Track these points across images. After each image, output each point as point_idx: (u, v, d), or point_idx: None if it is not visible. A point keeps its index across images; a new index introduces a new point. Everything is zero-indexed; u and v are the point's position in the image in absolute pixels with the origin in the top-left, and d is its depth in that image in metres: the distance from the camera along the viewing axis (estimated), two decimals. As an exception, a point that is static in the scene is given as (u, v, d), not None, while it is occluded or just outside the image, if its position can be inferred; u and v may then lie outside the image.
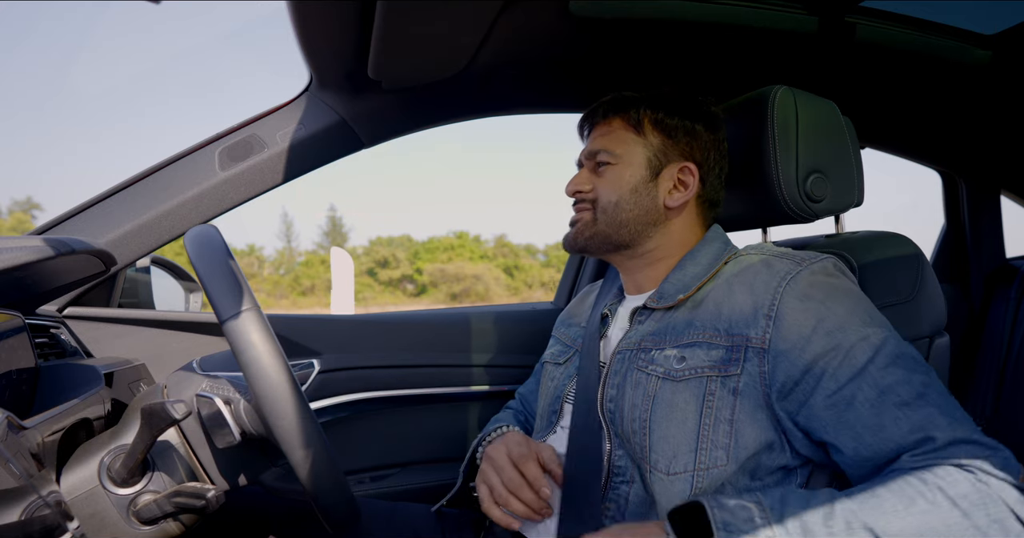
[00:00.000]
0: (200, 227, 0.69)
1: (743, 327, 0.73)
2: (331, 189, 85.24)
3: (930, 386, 0.67)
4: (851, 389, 0.67)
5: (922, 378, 0.67)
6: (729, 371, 0.72)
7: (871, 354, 0.68)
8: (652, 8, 0.93)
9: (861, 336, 0.69)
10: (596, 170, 0.90)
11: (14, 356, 0.72)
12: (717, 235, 0.88)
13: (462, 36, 0.91)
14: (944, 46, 1.12)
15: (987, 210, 1.65)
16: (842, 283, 0.75)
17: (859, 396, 0.67)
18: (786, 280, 0.74)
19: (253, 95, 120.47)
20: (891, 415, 0.65)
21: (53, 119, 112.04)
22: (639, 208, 0.87)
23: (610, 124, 0.90)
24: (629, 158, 0.87)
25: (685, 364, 0.75)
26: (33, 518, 0.50)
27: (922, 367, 0.69)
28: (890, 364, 0.68)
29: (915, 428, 0.64)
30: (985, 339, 1.54)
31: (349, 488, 0.67)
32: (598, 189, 0.88)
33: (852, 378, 0.67)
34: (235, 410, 0.68)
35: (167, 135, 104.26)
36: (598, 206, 0.88)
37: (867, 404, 0.66)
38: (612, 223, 0.87)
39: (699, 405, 0.72)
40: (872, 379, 0.67)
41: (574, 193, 0.91)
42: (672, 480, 0.72)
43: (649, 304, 0.84)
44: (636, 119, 0.88)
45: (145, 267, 1.37)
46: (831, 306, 0.71)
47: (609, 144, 0.89)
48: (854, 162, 0.93)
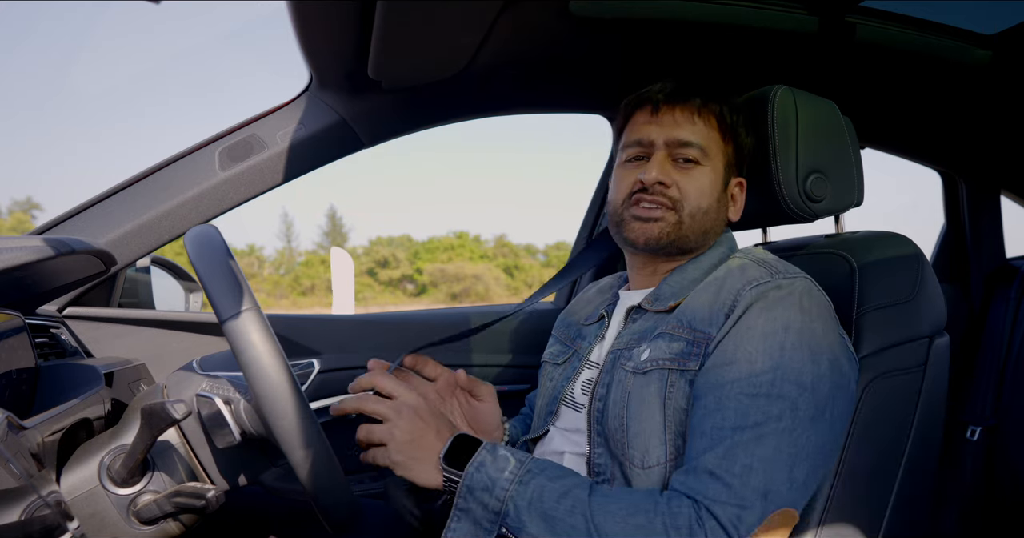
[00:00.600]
0: (200, 227, 0.69)
1: (705, 324, 0.74)
2: (331, 189, 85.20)
3: (781, 436, 0.65)
4: (702, 393, 0.70)
5: (769, 419, 0.66)
6: (688, 366, 0.73)
7: (738, 377, 0.68)
8: (652, 8, 0.93)
9: (748, 358, 0.69)
10: (677, 163, 0.81)
11: (14, 356, 0.72)
12: (726, 239, 0.88)
13: (462, 36, 0.91)
14: (944, 46, 1.12)
15: (987, 210, 1.65)
16: (789, 306, 0.72)
17: (701, 401, 0.69)
18: (751, 285, 0.74)
19: (253, 95, 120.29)
20: (703, 427, 0.68)
21: (53, 119, 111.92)
22: (719, 219, 0.84)
23: (705, 115, 0.82)
24: (716, 161, 0.82)
25: (648, 355, 0.76)
26: (33, 518, 0.50)
27: (787, 416, 0.66)
28: (746, 394, 0.67)
29: (701, 448, 0.67)
30: (985, 339, 1.54)
31: (349, 488, 0.67)
32: (684, 189, 0.80)
33: (708, 387, 0.69)
34: (235, 410, 0.68)
35: (167, 135, 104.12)
36: (684, 209, 0.80)
37: (702, 413, 0.69)
38: (696, 230, 0.82)
39: (662, 397, 0.73)
40: (720, 396, 0.68)
41: (656, 184, 0.80)
42: (648, 473, 0.73)
43: (644, 305, 0.84)
44: (730, 122, 0.83)
45: (145, 267, 1.37)
46: (757, 318, 0.71)
47: (703, 138, 0.81)
48: (854, 162, 0.93)
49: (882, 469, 0.84)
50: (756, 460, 0.64)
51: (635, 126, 0.85)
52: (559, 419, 0.88)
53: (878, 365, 0.83)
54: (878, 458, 0.82)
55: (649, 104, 0.84)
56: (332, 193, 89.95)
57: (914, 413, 0.85)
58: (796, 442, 0.66)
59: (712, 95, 0.83)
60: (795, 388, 0.67)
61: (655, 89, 0.85)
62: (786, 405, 0.66)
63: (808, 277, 0.77)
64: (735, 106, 0.85)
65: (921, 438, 0.86)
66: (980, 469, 1.43)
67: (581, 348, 0.91)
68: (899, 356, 0.84)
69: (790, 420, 0.66)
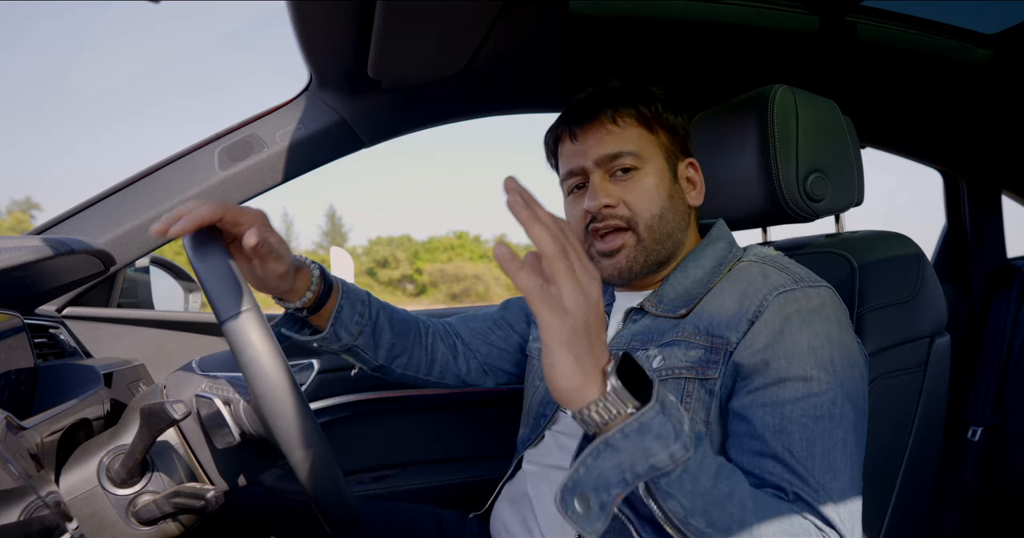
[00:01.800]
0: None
1: (724, 329, 0.71)
2: (331, 189, 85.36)
3: (833, 453, 0.63)
4: (757, 413, 0.66)
5: (837, 444, 0.64)
6: (708, 374, 0.70)
7: (797, 396, 0.65)
8: (652, 7, 0.93)
9: (803, 375, 0.66)
10: (614, 178, 0.78)
11: (13, 356, 0.72)
12: (721, 234, 0.84)
13: (462, 36, 0.91)
14: (945, 46, 1.12)
15: (988, 210, 1.65)
16: (826, 318, 0.70)
17: (757, 422, 0.65)
18: (776, 291, 0.71)
19: (253, 95, 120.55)
20: (773, 450, 0.64)
21: (53, 119, 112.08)
22: (677, 215, 0.80)
23: (622, 120, 0.79)
24: (654, 160, 0.79)
25: (664, 364, 0.73)
26: (32, 518, 0.50)
27: (851, 438, 0.65)
28: (809, 416, 0.64)
29: (780, 475, 0.62)
30: (986, 339, 1.53)
31: (349, 489, 0.66)
32: (631, 202, 0.77)
33: (764, 405, 0.66)
34: (235, 411, 0.68)
35: (167, 135, 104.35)
36: (639, 224, 0.77)
37: (760, 433, 0.65)
38: (659, 239, 0.78)
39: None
40: (780, 416, 0.65)
41: (602, 209, 0.77)
42: None
43: (647, 308, 0.80)
44: (651, 114, 0.79)
45: (144, 267, 1.37)
46: (800, 332, 0.68)
47: (628, 144, 0.78)
48: (854, 161, 0.92)
49: (883, 469, 0.84)
50: (836, 490, 0.62)
51: (563, 157, 0.83)
52: (556, 424, 0.86)
53: (879, 365, 0.83)
54: (879, 458, 0.81)
55: (566, 133, 0.81)
56: (332, 193, 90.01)
57: (915, 413, 0.85)
58: (859, 461, 0.66)
59: (619, 98, 0.80)
60: (851, 407, 0.66)
61: (564, 117, 0.83)
62: (850, 427, 0.65)
63: (829, 285, 0.74)
64: (648, 96, 0.80)
65: (922, 438, 0.85)
66: (981, 469, 1.43)
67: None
68: (900, 356, 0.84)
69: (853, 443, 0.65)
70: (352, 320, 0.83)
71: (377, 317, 0.87)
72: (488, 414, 1.35)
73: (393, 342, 0.90)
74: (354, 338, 0.84)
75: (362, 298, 0.86)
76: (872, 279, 0.85)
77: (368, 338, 0.86)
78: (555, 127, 0.84)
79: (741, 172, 0.91)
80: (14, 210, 42.46)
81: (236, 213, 0.65)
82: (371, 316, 0.86)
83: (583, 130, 0.80)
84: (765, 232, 1.05)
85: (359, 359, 0.89)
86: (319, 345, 0.83)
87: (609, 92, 0.81)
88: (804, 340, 0.68)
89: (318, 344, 0.83)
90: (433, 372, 0.95)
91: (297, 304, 0.78)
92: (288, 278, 0.74)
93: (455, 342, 0.98)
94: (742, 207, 0.94)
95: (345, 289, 0.83)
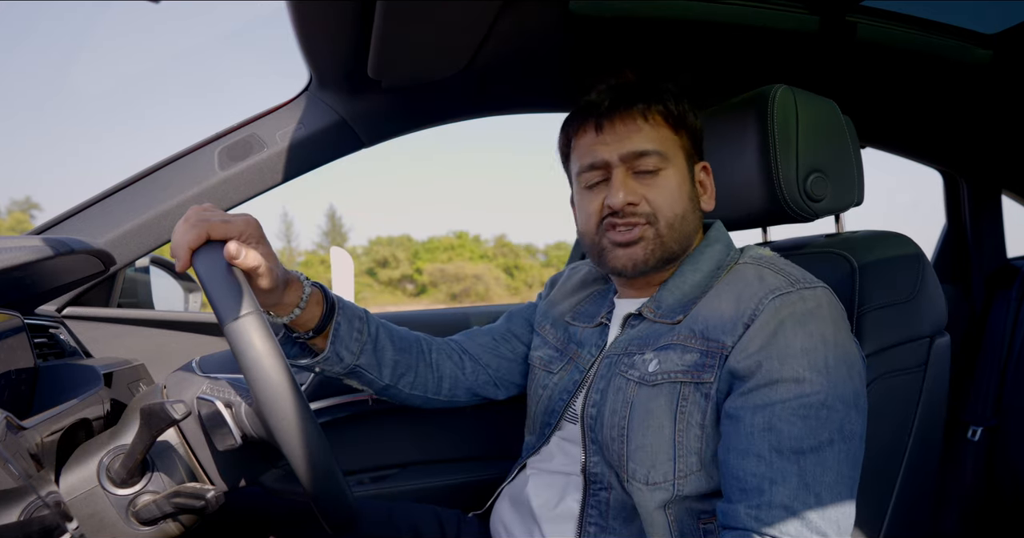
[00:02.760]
0: None
1: (720, 333, 0.71)
2: (331, 189, 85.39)
3: (822, 452, 0.64)
4: (747, 413, 0.66)
5: (824, 443, 0.64)
6: (703, 378, 0.70)
7: (788, 397, 0.66)
8: (652, 7, 0.93)
9: (795, 377, 0.66)
10: (639, 176, 0.77)
11: (13, 356, 0.72)
12: (719, 236, 0.84)
13: (462, 36, 0.91)
14: (945, 45, 1.12)
15: (988, 210, 1.65)
16: (821, 319, 0.70)
17: (746, 421, 0.66)
18: (772, 295, 0.71)
19: (253, 95, 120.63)
20: (758, 449, 0.65)
21: (53, 119, 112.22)
22: (696, 217, 0.81)
23: (653, 118, 0.77)
24: (677, 159, 0.78)
25: (659, 368, 0.73)
26: (32, 518, 0.50)
27: (838, 437, 0.65)
28: (799, 415, 0.65)
29: (763, 475, 0.64)
30: (986, 340, 1.54)
31: (349, 489, 0.66)
32: (654, 201, 0.77)
33: (755, 406, 0.66)
34: (236, 413, 0.68)
35: (167, 135, 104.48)
36: (660, 221, 0.77)
37: (748, 431, 0.66)
38: (677, 239, 0.78)
39: (673, 411, 0.71)
40: (769, 415, 0.65)
41: (625, 206, 0.76)
42: (652, 491, 0.71)
43: (646, 314, 0.80)
44: (678, 113, 0.78)
45: (144, 267, 1.37)
46: (794, 334, 0.68)
47: (658, 143, 0.77)
48: (854, 161, 0.92)
49: (883, 469, 0.84)
50: (824, 490, 0.63)
51: (583, 148, 0.80)
52: (560, 431, 0.86)
53: (879, 365, 0.83)
54: (879, 458, 0.82)
55: (591, 121, 0.78)
56: (332, 193, 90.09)
57: (915, 413, 0.85)
58: (852, 462, 0.66)
59: (652, 93, 0.78)
60: (842, 406, 0.66)
61: (593, 103, 0.79)
62: (836, 428, 0.65)
63: (825, 286, 0.74)
64: (676, 94, 0.80)
65: (922, 438, 0.85)
66: (981, 469, 1.43)
67: (579, 358, 0.86)
68: (900, 356, 0.84)
69: (843, 443, 0.65)
70: (351, 337, 0.82)
71: (377, 334, 0.86)
72: (488, 415, 1.35)
73: (396, 359, 0.88)
74: (356, 357, 0.83)
75: (360, 315, 0.85)
76: (872, 279, 0.85)
77: (370, 356, 0.85)
78: (578, 115, 0.81)
79: (741, 172, 0.91)
80: (14, 210, 42.47)
81: (223, 230, 0.63)
82: (370, 333, 0.85)
83: (611, 122, 0.77)
84: (765, 232, 1.05)
85: (364, 381, 0.87)
86: (322, 369, 0.82)
87: (639, 87, 0.79)
88: (797, 342, 0.68)
89: (320, 368, 0.82)
90: (443, 391, 0.94)
91: (285, 319, 0.76)
92: (276, 292, 0.72)
93: (461, 358, 0.97)
94: (742, 207, 0.94)
95: (342, 306, 0.82)
